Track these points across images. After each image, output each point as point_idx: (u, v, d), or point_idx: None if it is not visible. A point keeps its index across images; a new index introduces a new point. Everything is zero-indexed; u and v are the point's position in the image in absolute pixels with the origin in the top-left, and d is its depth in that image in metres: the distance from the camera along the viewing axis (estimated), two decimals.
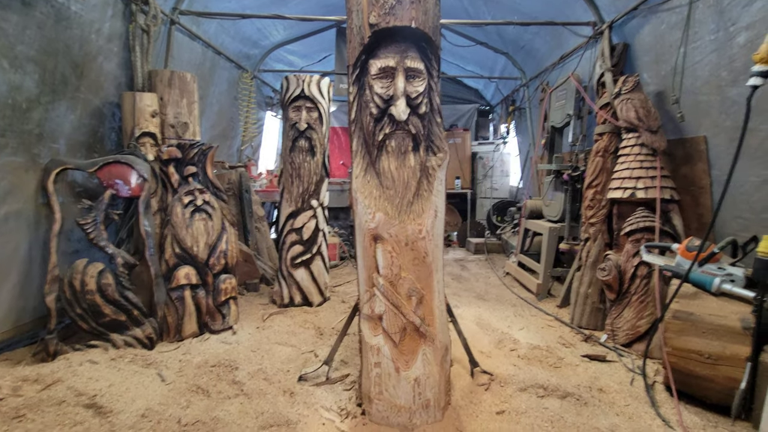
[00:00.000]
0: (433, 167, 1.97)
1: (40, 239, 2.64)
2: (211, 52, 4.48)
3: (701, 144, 2.74)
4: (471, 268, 5.40)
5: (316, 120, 3.65)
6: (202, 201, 3.10)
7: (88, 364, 2.32)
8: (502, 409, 2.08)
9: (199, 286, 3.00)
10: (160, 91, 3.24)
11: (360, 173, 1.96)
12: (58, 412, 1.86)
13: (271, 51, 5.87)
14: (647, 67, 3.23)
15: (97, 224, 2.74)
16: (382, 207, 1.91)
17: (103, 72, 3.02)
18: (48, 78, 2.57)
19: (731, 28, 2.37)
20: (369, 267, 1.95)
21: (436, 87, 1.95)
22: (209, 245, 3.07)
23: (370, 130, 1.90)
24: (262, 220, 4.77)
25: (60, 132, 2.75)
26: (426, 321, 1.95)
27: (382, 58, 1.83)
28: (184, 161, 3.14)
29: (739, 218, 2.51)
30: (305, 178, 3.67)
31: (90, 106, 2.95)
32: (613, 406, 2.14)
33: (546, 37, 4.88)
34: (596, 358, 2.69)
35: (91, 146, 3.02)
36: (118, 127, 3.22)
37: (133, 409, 1.97)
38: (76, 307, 2.56)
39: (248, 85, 5.49)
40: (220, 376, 2.38)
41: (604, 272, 2.95)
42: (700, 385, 2.08)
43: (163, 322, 2.87)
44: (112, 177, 2.82)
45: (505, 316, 3.55)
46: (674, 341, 2.13)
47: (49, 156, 2.68)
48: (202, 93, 4.26)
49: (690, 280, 2.19)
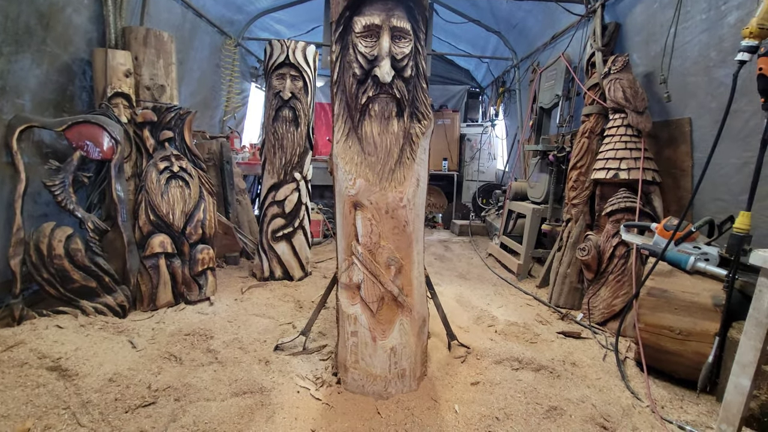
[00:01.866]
0: (417, 134, 1.91)
1: (4, 200, 2.50)
2: (192, 13, 4.25)
3: (686, 126, 2.74)
4: (454, 249, 5.42)
5: (301, 89, 3.53)
6: (179, 167, 2.98)
7: (54, 329, 2.24)
8: (477, 381, 2.10)
9: (175, 255, 2.92)
10: (134, 49, 3.07)
11: (341, 138, 1.89)
12: (19, 373, 1.79)
13: (257, 18, 5.63)
14: (637, 48, 3.20)
15: (66, 187, 2.61)
16: (363, 173, 1.85)
17: (72, 25, 2.83)
18: (10, 26, 2.39)
19: (723, 7, 2.34)
20: (348, 235, 1.91)
21: (422, 50, 1.88)
22: (186, 213, 2.98)
23: (352, 93, 1.83)
24: (243, 193, 4.66)
25: (25, 87, 2.58)
26: (404, 291, 1.93)
27: (367, 16, 1.74)
28: (160, 125, 3.01)
29: (718, 200, 2.54)
30: (288, 150, 3.57)
31: (58, 61, 2.77)
32: (585, 379, 2.18)
33: (539, 15, 4.79)
34: (571, 335, 2.73)
35: (59, 105, 2.85)
36: (89, 87, 3.04)
37: (100, 373, 1.91)
38: (43, 271, 2.45)
39: (232, 52, 5.27)
40: (194, 344, 2.33)
41: (583, 252, 2.97)
42: (669, 360, 2.13)
43: (136, 291, 2.79)
44: (82, 138, 2.68)
45: (485, 294, 3.58)
46: (647, 317, 2.17)
47: (12, 112, 2.51)
48: (181, 57, 4.07)
49: (666, 258, 2.22)
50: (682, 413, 1.92)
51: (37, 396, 1.70)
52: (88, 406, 1.69)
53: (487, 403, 1.90)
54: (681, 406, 1.97)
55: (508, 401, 1.92)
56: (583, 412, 1.86)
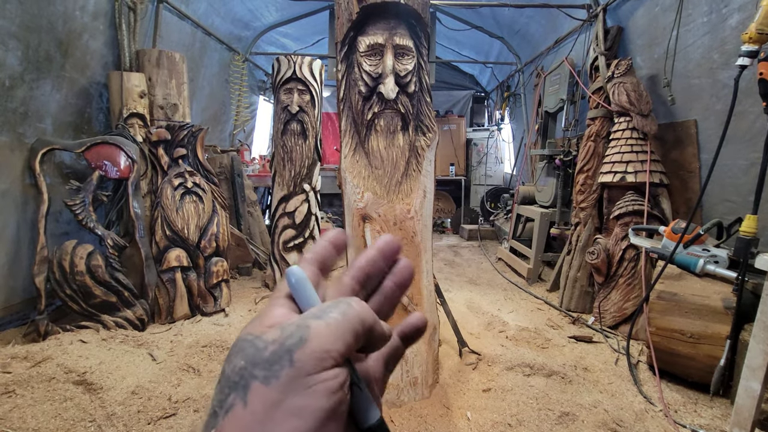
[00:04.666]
0: (422, 147, 1.97)
1: (28, 220, 2.62)
2: (201, 32, 4.39)
3: (691, 128, 2.74)
4: (464, 254, 5.43)
5: (308, 103, 3.61)
6: (193, 183, 3.08)
7: (78, 344, 2.33)
8: (489, 387, 2.12)
9: (191, 268, 3.00)
10: (148, 71, 3.19)
11: (349, 153, 1.95)
12: (47, 388, 1.87)
13: (264, 33, 5.76)
14: (640, 51, 3.22)
15: (86, 205, 2.71)
16: (370, 186, 1.91)
17: (89, 50, 2.96)
18: (31, 55, 2.52)
19: (724, 10, 2.36)
20: (358, 247, 1.96)
21: (425, 65, 1.93)
22: (200, 228, 3.07)
23: (358, 109, 1.89)
24: (254, 205, 4.75)
25: (46, 111, 2.70)
26: (414, 300, 1.97)
27: (371, 35, 1.81)
28: (173, 143, 3.11)
29: (726, 201, 2.54)
30: (297, 162, 3.65)
31: (76, 85, 2.90)
32: (597, 384, 2.18)
33: (541, 21, 4.83)
34: (583, 339, 2.73)
35: (78, 127, 2.97)
36: (106, 108, 3.17)
37: (123, 386, 1.99)
38: (66, 288, 2.55)
39: (240, 68, 5.41)
40: (211, 356, 2.40)
41: (592, 256, 2.98)
42: (682, 363, 2.13)
43: (154, 304, 2.88)
44: (100, 158, 2.79)
45: (496, 299, 3.59)
46: (658, 321, 2.17)
47: (35, 136, 2.64)
48: (192, 75, 4.19)
49: (675, 261, 2.22)
50: (695, 417, 1.92)
51: (65, 409, 1.78)
52: (112, 418, 1.76)
53: (499, 410, 1.92)
54: (695, 409, 1.97)
55: (520, 407, 1.94)
56: (595, 418, 1.87)
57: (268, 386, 0.26)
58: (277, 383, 0.26)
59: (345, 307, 0.30)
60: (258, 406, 0.26)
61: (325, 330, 0.28)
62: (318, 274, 0.36)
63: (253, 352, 0.28)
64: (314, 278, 0.35)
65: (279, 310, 0.32)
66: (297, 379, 0.27)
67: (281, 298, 0.33)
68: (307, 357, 0.27)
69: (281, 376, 0.26)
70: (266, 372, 0.27)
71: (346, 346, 0.29)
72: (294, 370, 0.27)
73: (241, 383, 0.27)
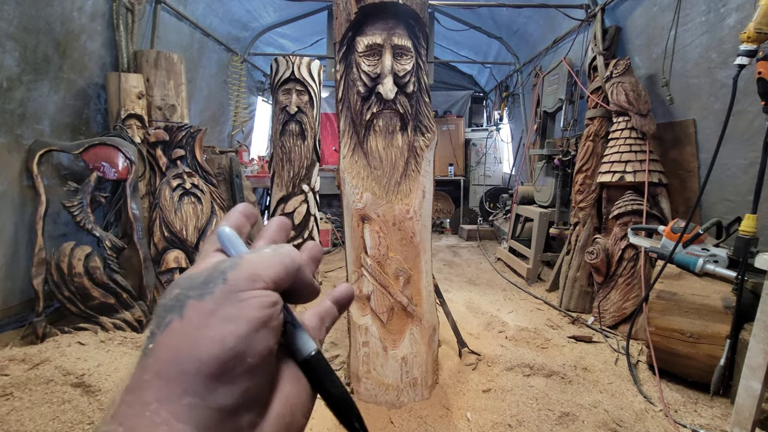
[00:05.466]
0: (421, 147, 1.96)
1: (26, 222, 2.61)
2: (199, 33, 4.38)
3: (690, 127, 2.75)
4: (463, 255, 5.43)
5: (307, 103, 3.60)
6: (191, 184, 3.07)
7: (76, 346, 2.32)
8: (489, 388, 2.12)
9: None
10: (146, 72, 3.18)
11: (347, 153, 1.94)
12: (45, 390, 1.86)
13: (262, 34, 5.76)
14: (639, 51, 3.22)
15: (84, 207, 2.70)
16: (369, 187, 1.91)
17: (86, 52, 2.95)
18: (29, 56, 2.51)
19: (722, 10, 2.36)
20: (357, 247, 1.96)
21: (424, 66, 1.93)
22: (199, 229, 3.06)
23: (357, 109, 1.89)
24: (253, 206, 4.74)
25: (43, 112, 2.69)
26: (413, 301, 1.96)
27: (369, 35, 1.80)
28: (171, 144, 3.10)
29: (725, 201, 2.54)
30: (296, 163, 3.64)
31: (74, 86, 2.89)
32: (597, 384, 2.18)
33: (539, 20, 4.83)
34: (582, 339, 2.73)
35: (76, 128, 2.96)
36: (103, 109, 3.16)
37: None
38: (64, 289, 2.54)
39: (238, 68, 5.40)
40: None
41: (591, 255, 2.98)
42: (681, 363, 2.13)
43: (152, 306, 2.86)
44: (98, 159, 2.78)
45: (495, 299, 3.59)
46: (657, 321, 2.17)
47: (32, 137, 2.62)
48: (190, 76, 4.19)
49: (674, 261, 2.22)
50: (696, 417, 1.91)
51: (62, 412, 1.77)
52: None
53: (499, 411, 1.92)
54: (695, 409, 1.97)
55: (520, 408, 1.94)
56: (595, 418, 1.86)
57: (203, 300, 0.28)
58: (211, 297, 0.28)
59: (276, 246, 0.33)
60: (193, 317, 0.28)
61: (257, 258, 0.31)
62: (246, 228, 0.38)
63: (188, 282, 0.30)
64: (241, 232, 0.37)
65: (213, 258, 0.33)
66: (230, 293, 0.28)
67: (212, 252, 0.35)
68: (239, 277, 0.29)
69: (215, 291, 0.28)
70: (201, 291, 0.28)
71: (276, 273, 0.31)
72: (227, 285, 0.29)
73: (177, 305, 0.28)
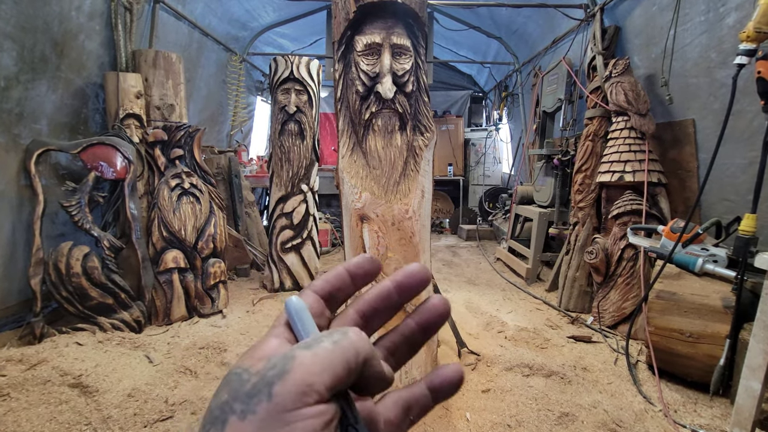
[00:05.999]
0: (420, 147, 1.96)
1: (24, 222, 2.60)
2: (198, 33, 4.37)
3: (689, 127, 2.74)
4: (462, 255, 5.43)
5: (306, 103, 3.60)
6: (190, 184, 3.06)
7: (74, 346, 2.31)
8: (488, 388, 2.11)
9: (188, 269, 2.99)
10: (144, 71, 3.17)
11: (346, 153, 1.94)
12: (42, 391, 1.85)
13: (261, 33, 5.75)
14: (638, 50, 3.22)
15: (82, 207, 2.70)
16: (368, 187, 1.90)
17: (85, 51, 2.94)
18: (27, 55, 2.50)
19: (721, 9, 2.36)
20: (356, 247, 1.95)
21: (423, 65, 1.92)
22: (197, 229, 3.05)
23: (356, 109, 1.88)
24: (252, 206, 4.73)
25: (41, 112, 2.68)
26: (412, 301, 1.95)
27: (368, 35, 1.80)
28: (170, 144, 3.09)
29: (725, 200, 2.53)
30: (295, 162, 3.64)
31: (72, 86, 2.88)
32: (597, 384, 2.17)
33: (539, 20, 4.83)
34: (582, 339, 2.73)
35: (74, 128, 2.95)
36: (102, 109, 3.15)
37: (119, 388, 1.97)
38: (62, 290, 2.53)
39: (237, 68, 5.39)
40: (208, 357, 2.38)
41: (591, 255, 2.97)
42: (681, 363, 2.12)
43: (151, 306, 2.86)
44: (96, 159, 2.77)
45: (494, 299, 3.58)
46: (657, 320, 2.17)
47: (30, 137, 2.61)
48: (189, 76, 4.18)
49: (674, 261, 2.21)
50: (695, 417, 1.91)
51: (60, 413, 1.76)
52: (108, 421, 1.75)
53: (498, 411, 1.92)
54: (694, 409, 1.97)
55: (520, 408, 1.93)
56: (595, 418, 1.86)
57: (244, 421, 0.25)
58: (253, 418, 0.25)
59: (339, 337, 0.28)
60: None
61: (311, 360, 0.26)
62: (322, 305, 0.33)
63: (237, 386, 0.26)
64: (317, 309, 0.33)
65: (273, 341, 0.30)
66: (274, 415, 0.25)
67: (278, 328, 0.31)
68: (287, 390, 0.25)
69: (258, 411, 0.25)
70: (244, 406, 0.25)
71: (334, 379, 0.26)
72: (272, 404, 0.25)
73: (221, 418, 0.25)
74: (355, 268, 0.34)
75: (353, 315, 0.34)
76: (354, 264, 0.34)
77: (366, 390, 0.31)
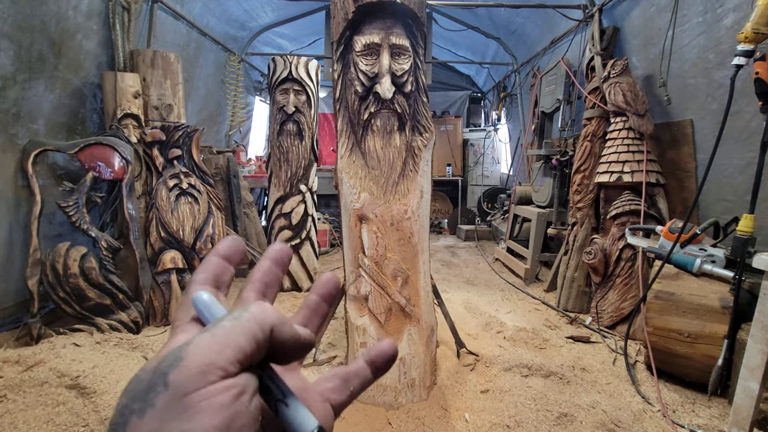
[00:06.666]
0: (419, 147, 1.95)
1: (21, 222, 2.59)
2: (196, 33, 4.36)
3: (687, 127, 2.75)
4: (461, 255, 5.43)
5: (304, 103, 3.60)
6: (188, 184, 3.05)
7: (71, 347, 2.30)
8: (487, 388, 2.11)
9: (186, 270, 2.98)
10: (142, 71, 3.16)
11: (345, 153, 1.94)
12: (39, 392, 1.84)
13: (259, 33, 5.74)
14: (636, 51, 3.22)
15: (80, 207, 2.68)
16: (367, 187, 1.90)
17: (82, 51, 2.93)
18: (24, 55, 2.48)
19: (719, 10, 2.36)
20: (354, 247, 1.95)
21: (421, 65, 1.92)
22: (195, 229, 3.04)
23: (355, 109, 1.88)
24: (250, 206, 4.72)
25: (38, 112, 2.67)
26: (411, 301, 1.95)
27: (367, 35, 1.79)
28: (168, 144, 3.08)
29: (723, 201, 2.54)
30: (293, 163, 3.63)
31: (70, 85, 2.87)
32: (595, 385, 2.18)
33: (537, 21, 4.83)
34: (580, 339, 2.73)
35: (71, 127, 2.94)
36: (99, 109, 3.14)
37: (117, 390, 1.96)
38: (59, 290, 2.52)
39: (236, 68, 5.38)
40: None
41: (589, 256, 2.98)
42: (679, 363, 2.13)
43: (149, 307, 2.85)
44: (94, 159, 2.76)
45: (493, 300, 3.58)
46: (655, 321, 2.17)
47: (27, 137, 2.60)
48: (187, 76, 4.17)
49: (672, 261, 2.22)
50: (693, 417, 1.91)
51: (57, 414, 1.75)
52: (106, 423, 1.74)
53: (497, 411, 1.91)
54: (693, 409, 1.97)
55: (518, 409, 1.93)
56: (593, 418, 1.86)
57: (143, 417, 0.23)
58: (152, 411, 0.23)
59: (238, 313, 0.28)
60: None
61: (210, 341, 0.25)
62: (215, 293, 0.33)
63: (134, 386, 0.25)
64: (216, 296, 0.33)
65: (181, 336, 0.29)
66: (174, 401, 0.24)
67: (185, 323, 0.30)
68: (184, 375, 0.24)
69: (156, 403, 0.23)
70: (142, 403, 0.24)
71: (238, 352, 0.26)
72: (169, 392, 0.24)
73: (121, 422, 0.24)
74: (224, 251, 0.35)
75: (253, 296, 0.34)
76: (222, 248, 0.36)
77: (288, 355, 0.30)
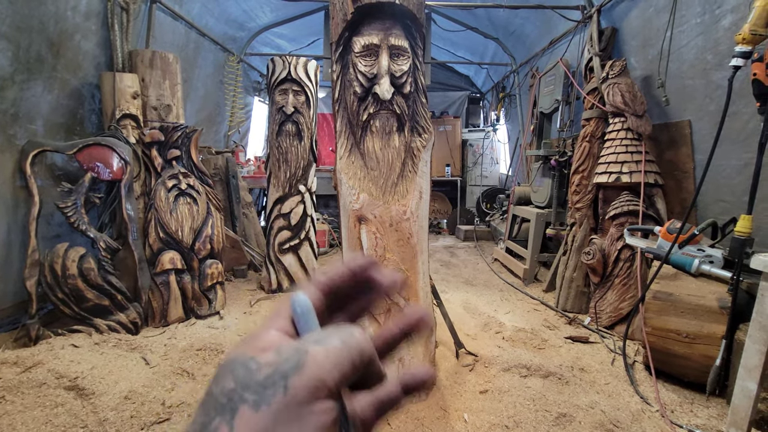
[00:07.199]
0: (418, 148, 1.96)
1: (19, 223, 2.58)
2: (195, 33, 4.36)
3: (686, 128, 2.76)
4: (460, 255, 5.43)
5: (303, 103, 3.59)
6: (187, 185, 3.05)
7: (70, 348, 2.29)
8: (486, 389, 2.11)
9: (185, 270, 2.97)
10: (141, 72, 3.16)
11: (344, 154, 1.94)
12: (38, 394, 1.84)
13: (258, 34, 5.74)
14: (635, 52, 3.23)
15: (78, 208, 2.68)
16: (366, 188, 1.90)
17: (81, 51, 2.93)
18: (22, 55, 2.48)
19: (717, 11, 2.37)
20: (353, 248, 1.95)
21: (420, 66, 1.93)
22: (194, 230, 3.04)
23: (354, 110, 1.88)
24: (249, 206, 4.72)
25: (37, 112, 2.66)
26: (410, 302, 1.95)
27: (366, 36, 1.80)
28: (167, 144, 3.08)
29: (721, 201, 2.55)
30: (292, 163, 3.63)
31: (68, 86, 2.87)
32: (594, 385, 2.18)
33: (536, 21, 4.84)
34: (579, 339, 2.73)
35: (70, 128, 2.94)
36: (98, 109, 3.13)
37: (116, 391, 1.96)
38: (58, 291, 2.51)
39: (234, 68, 5.38)
40: (205, 359, 2.37)
41: (588, 256, 2.98)
42: (678, 363, 2.13)
43: (148, 307, 2.84)
44: (92, 160, 2.76)
45: (492, 300, 3.59)
46: (654, 321, 2.17)
47: (26, 137, 2.60)
48: (186, 76, 4.16)
49: (670, 261, 2.22)
50: (692, 417, 1.92)
51: (55, 416, 1.75)
52: (105, 424, 1.74)
53: (496, 412, 1.92)
54: (691, 409, 1.97)
55: (517, 409, 1.94)
56: (592, 419, 1.86)
57: (257, 412, 0.24)
58: (267, 410, 0.24)
59: (346, 335, 0.28)
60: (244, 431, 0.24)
61: (324, 356, 0.27)
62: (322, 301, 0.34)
63: (244, 374, 0.26)
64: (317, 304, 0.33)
65: (273, 333, 0.30)
66: (289, 408, 0.25)
67: (278, 320, 0.31)
68: (302, 384, 0.25)
69: (272, 403, 0.25)
70: (257, 396, 0.25)
71: (342, 376, 0.27)
72: (287, 397, 0.25)
73: (229, 406, 0.25)
74: (358, 268, 0.35)
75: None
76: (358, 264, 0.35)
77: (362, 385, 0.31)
